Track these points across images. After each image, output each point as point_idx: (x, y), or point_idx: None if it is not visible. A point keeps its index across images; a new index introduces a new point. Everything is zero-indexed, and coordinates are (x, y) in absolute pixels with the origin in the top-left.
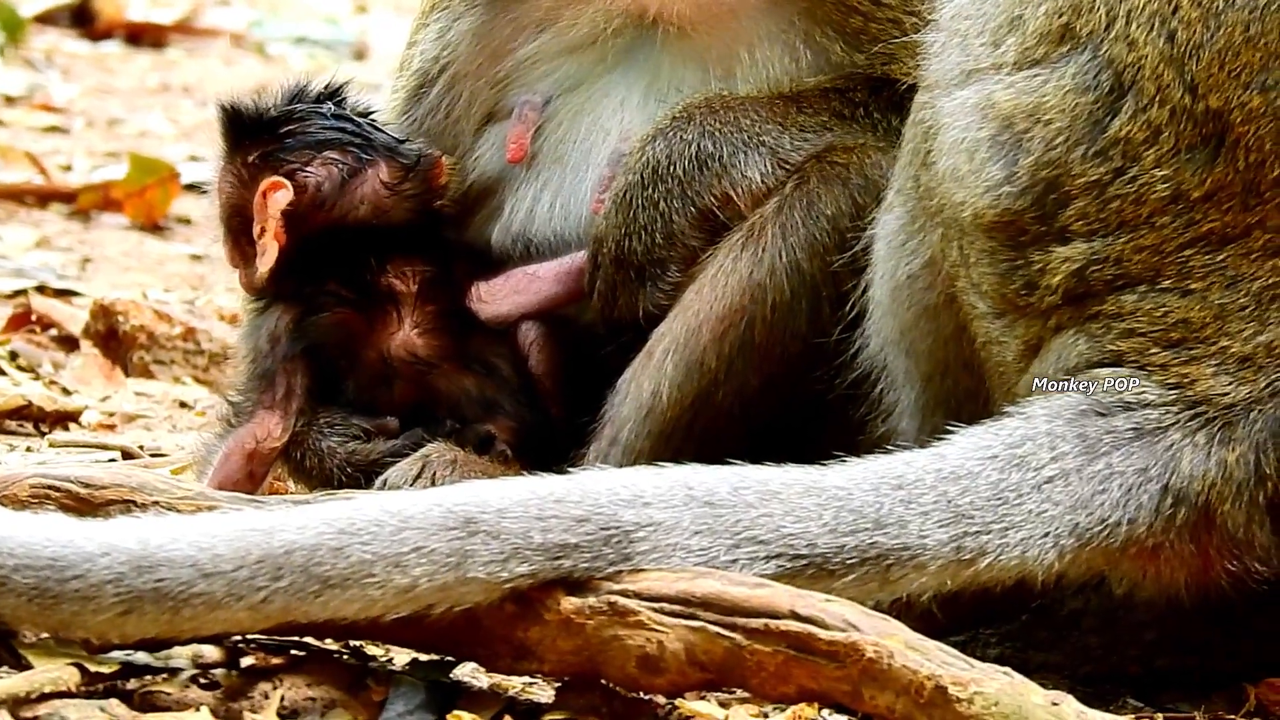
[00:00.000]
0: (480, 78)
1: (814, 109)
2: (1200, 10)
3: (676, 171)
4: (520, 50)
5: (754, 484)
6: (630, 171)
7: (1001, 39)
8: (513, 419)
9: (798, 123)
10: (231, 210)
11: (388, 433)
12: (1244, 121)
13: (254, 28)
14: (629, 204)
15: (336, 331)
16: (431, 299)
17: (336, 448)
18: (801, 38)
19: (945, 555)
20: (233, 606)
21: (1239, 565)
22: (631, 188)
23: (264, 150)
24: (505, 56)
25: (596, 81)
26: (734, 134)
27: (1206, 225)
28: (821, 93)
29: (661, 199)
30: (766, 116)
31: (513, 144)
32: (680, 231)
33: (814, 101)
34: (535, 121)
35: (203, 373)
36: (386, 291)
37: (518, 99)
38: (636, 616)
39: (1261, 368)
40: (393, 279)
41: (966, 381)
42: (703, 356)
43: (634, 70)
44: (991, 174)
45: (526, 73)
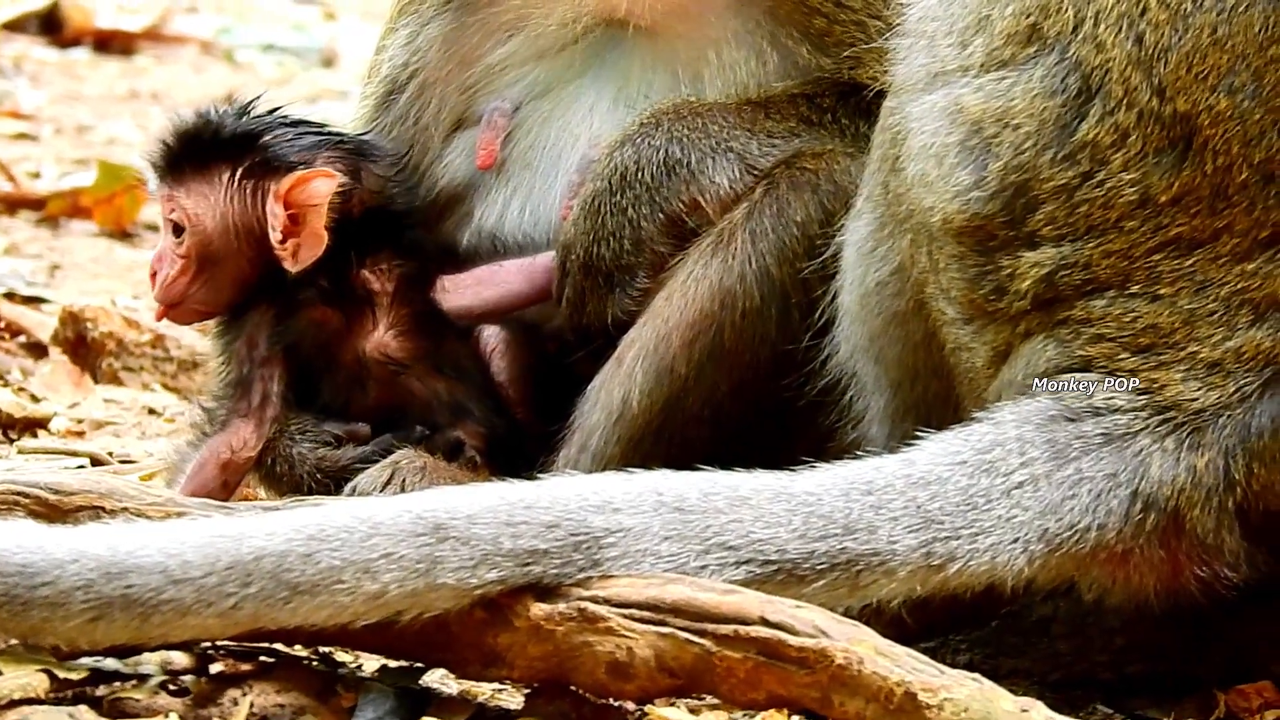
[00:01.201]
0: (449, 84)
1: (782, 115)
2: (1168, 12)
3: (644, 178)
4: (489, 56)
5: (724, 489)
6: (598, 178)
7: (969, 40)
8: (482, 424)
9: (766, 128)
10: (223, 232)
11: (358, 439)
12: (1211, 124)
13: (222, 35)
14: (597, 210)
15: (314, 330)
16: (406, 300)
17: (307, 454)
18: (768, 39)
19: (915, 561)
20: (202, 613)
21: (1208, 571)
22: (600, 194)
23: (254, 160)
24: (474, 62)
25: (566, 87)
26: (702, 140)
27: (1175, 229)
28: (789, 98)
29: (630, 205)
30: (735, 122)
31: (482, 150)
32: (649, 238)
33: (782, 107)
34: (504, 128)
35: (171, 379)
36: (363, 292)
37: (487, 105)
38: (606, 623)
39: (1230, 373)
40: (370, 280)
41: (936, 388)
42: (673, 363)
43: (603, 75)
44: (960, 179)
45: (496, 78)
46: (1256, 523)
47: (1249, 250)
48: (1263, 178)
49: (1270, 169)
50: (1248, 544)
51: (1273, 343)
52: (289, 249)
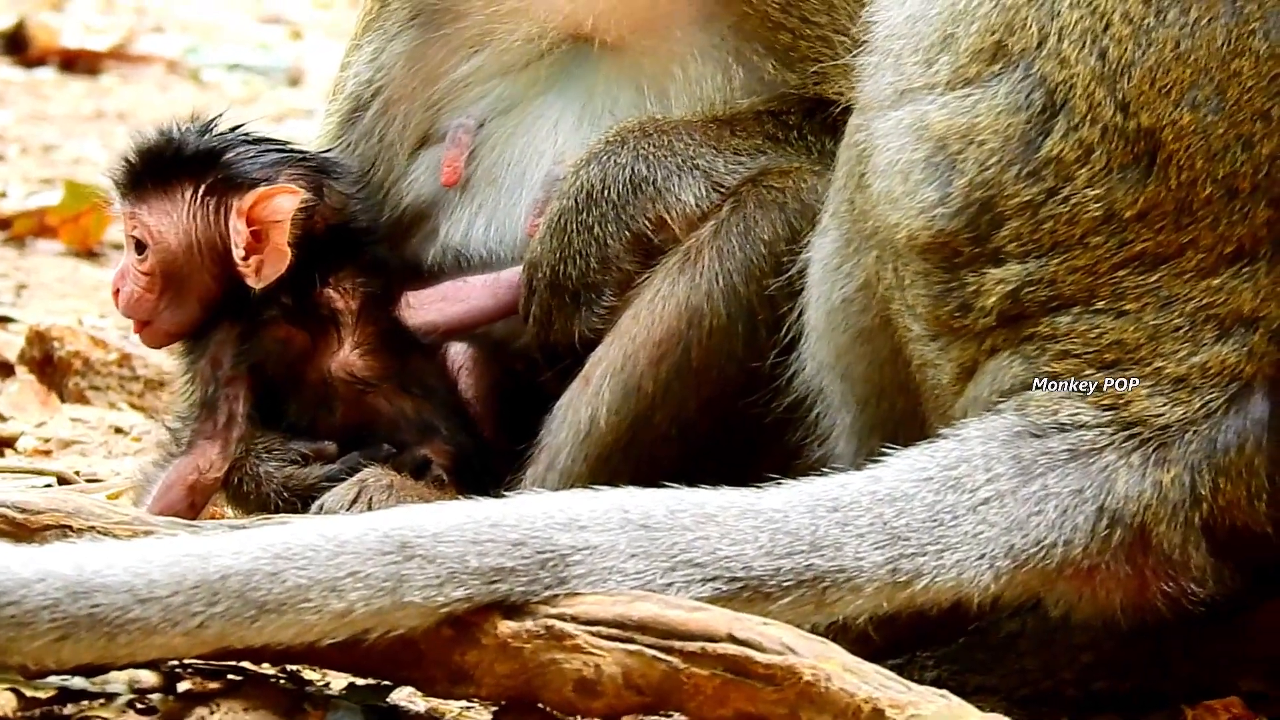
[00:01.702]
0: (414, 100)
1: (748, 132)
2: (1131, 27)
3: (611, 195)
4: (454, 72)
5: (690, 507)
6: (564, 196)
7: (934, 58)
8: (449, 443)
9: (732, 145)
10: (186, 249)
11: (325, 457)
12: (1175, 139)
13: (188, 54)
14: (563, 228)
15: (279, 350)
16: (371, 319)
17: (274, 472)
18: (733, 54)
19: (881, 577)
20: (169, 632)
21: (1175, 586)
22: (566, 212)
23: (216, 178)
24: (439, 79)
25: (531, 104)
26: (668, 157)
27: (1140, 245)
28: (755, 115)
29: (596, 223)
30: (701, 140)
31: (447, 168)
32: (615, 255)
33: (748, 124)
34: (469, 145)
35: (138, 399)
36: (328, 310)
37: (451, 122)
38: (573, 640)
39: (1196, 388)
40: (334, 298)
41: (903, 404)
42: (640, 381)
43: (568, 92)
44: (925, 195)
45: (460, 95)
46: (1223, 538)
47: (1214, 265)
48: (1227, 192)
49: (1234, 184)
50: (1214, 560)
51: (1238, 358)
52: (252, 266)
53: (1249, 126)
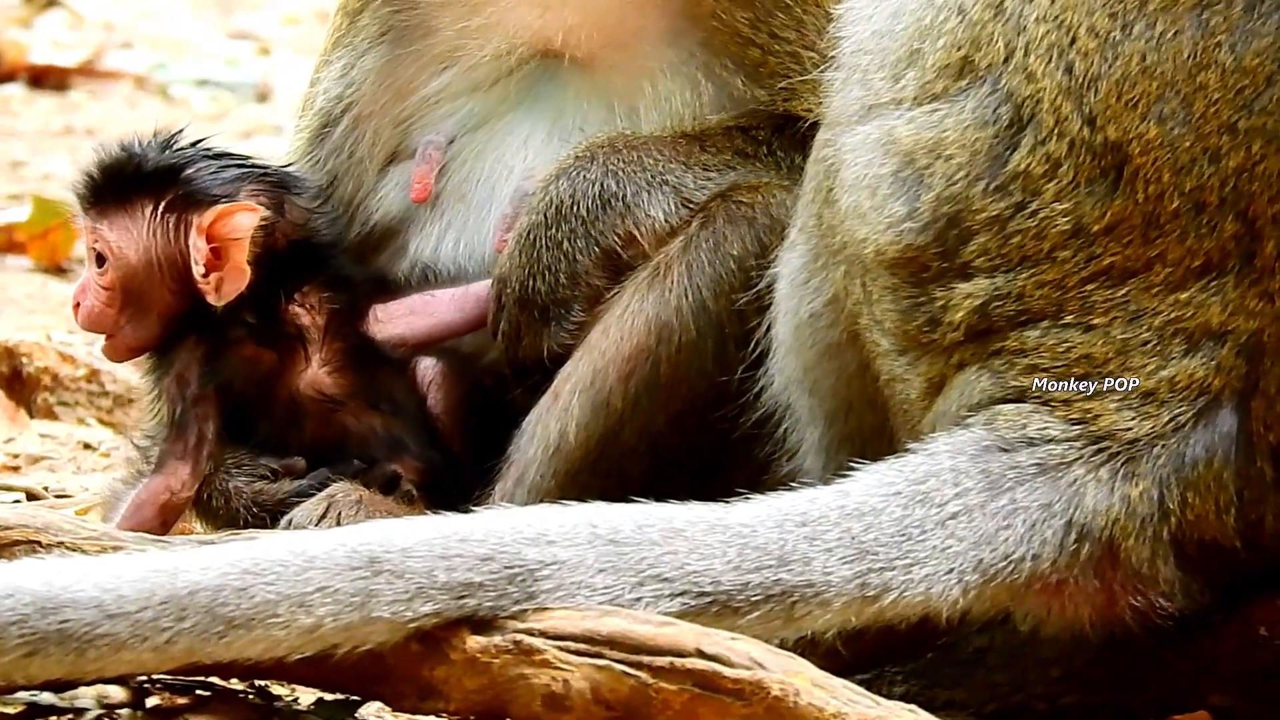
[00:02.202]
0: (384, 117)
1: (717, 147)
2: (1098, 41)
3: (580, 211)
4: (423, 88)
5: (658, 521)
6: (534, 211)
7: (901, 73)
8: (419, 459)
9: (701, 161)
10: (146, 264)
11: (295, 472)
12: (1142, 153)
13: (157, 70)
14: (533, 244)
15: (246, 369)
16: (338, 336)
17: (243, 487)
18: (702, 70)
19: (850, 592)
20: (137, 647)
21: (1143, 601)
22: (535, 227)
23: (176, 194)
24: (408, 95)
25: (500, 120)
26: (638, 173)
27: (1108, 259)
28: (724, 131)
29: (565, 239)
30: (670, 155)
31: (417, 184)
32: (584, 271)
33: (717, 140)
34: (439, 161)
35: (107, 414)
36: (294, 328)
37: (421, 139)
38: (542, 655)
39: (1164, 402)
40: (300, 315)
41: (871, 419)
42: (609, 396)
43: (537, 108)
44: (893, 210)
45: (430, 111)
46: (1191, 553)
47: (1182, 279)
48: (1194, 206)
49: (1201, 197)
50: (1183, 574)
51: (1206, 372)
52: (212, 283)
53: (1216, 140)
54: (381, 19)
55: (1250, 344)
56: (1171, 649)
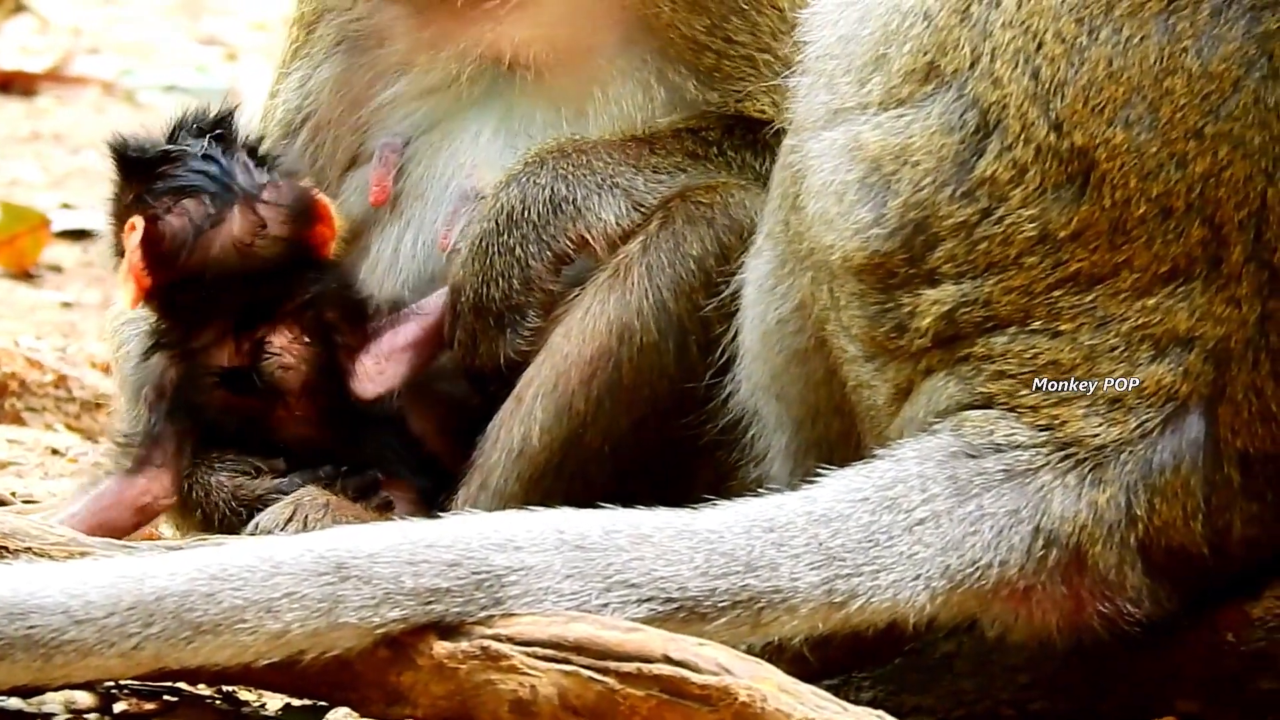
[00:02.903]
0: (342, 124)
1: (667, 150)
2: (1064, 46)
3: (531, 216)
4: (379, 96)
5: (626, 527)
6: (485, 219)
7: (867, 78)
8: (411, 483)
9: (651, 164)
10: (116, 246)
11: (276, 470)
12: (1109, 158)
13: (124, 76)
14: (485, 251)
15: (220, 413)
16: (316, 388)
17: (225, 482)
18: (655, 75)
19: (817, 598)
20: (105, 653)
21: (1110, 607)
22: (487, 235)
23: (138, 191)
24: (365, 102)
25: (453, 119)
26: (587, 176)
27: (1075, 265)
28: (674, 133)
29: (517, 244)
30: (620, 158)
31: (375, 187)
32: (538, 276)
33: (667, 142)
34: (396, 163)
35: (75, 420)
36: (270, 383)
37: (378, 143)
38: (509, 661)
39: (1132, 409)
40: (276, 368)
41: (838, 425)
42: (571, 399)
43: (489, 106)
44: (860, 216)
45: (386, 116)
46: (1158, 559)
47: (1149, 285)
48: (1161, 211)
49: (1168, 203)
50: (1150, 580)
51: (1174, 378)
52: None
53: (1182, 145)
54: (337, 29)
55: (1218, 350)
56: (1139, 655)
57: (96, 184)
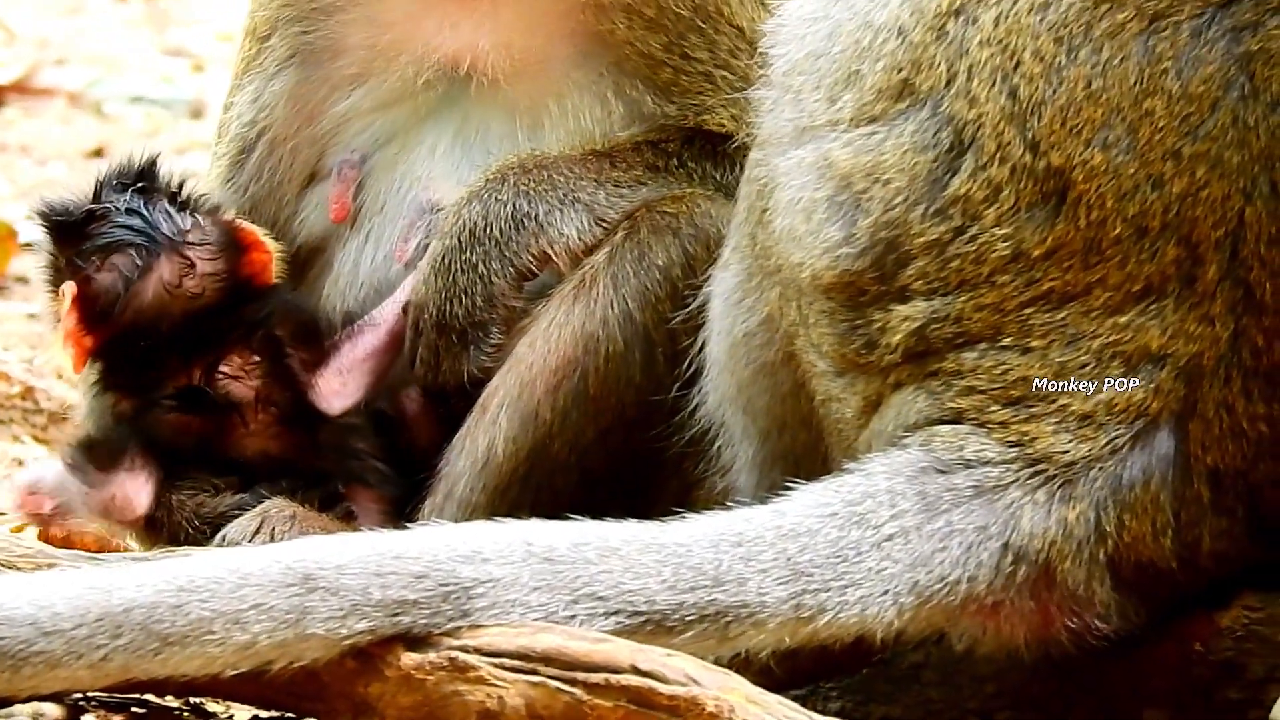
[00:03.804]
0: (299, 139)
1: (628, 163)
2: (1042, 65)
3: (493, 232)
4: (335, 108)
5: (594, 540)
6: (447, 235)
7: (838, 95)
8: (379, 488)
9: (612, 178)
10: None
11: (236, 488)
12: (1086, 179)
13: (91, 87)
14: (448, 268)
15: (174, 434)
16: (272, 401)
17: (185, 500)
18: (611, 89)
19: (784, 613)
20: (73, 665)
21: (1079, 622)
22: (449, 251)
23: (69, 255)
24: (321, 116)
25: (410, 132)
26: (549, 192)
27: (1047, 283)
28: (634, 146)
29: (480, 261)
30: (581, 173)
31: (335, 204)
32: (500, 293)
33: (627, 155)
34: (355, 179)
35: (42, 431)
36: (224, 398)
37: (337, 160)
38: (477, 672)
39: (1102, 425)
40: (230, 384)
41: (805, 437)
42: (537, 409)
43: (444, 119)
44: (829, 235)
45: (343, 130)
46: (1127, 574)
47: (1121, 303)
48: (1136, 231)
49: (1144, 223)
50: (1119, 595)
51: (1145, 395)
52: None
53: (1160, 166)
54: (290, 40)
55: (1189, 367)
56: (1106, 665)
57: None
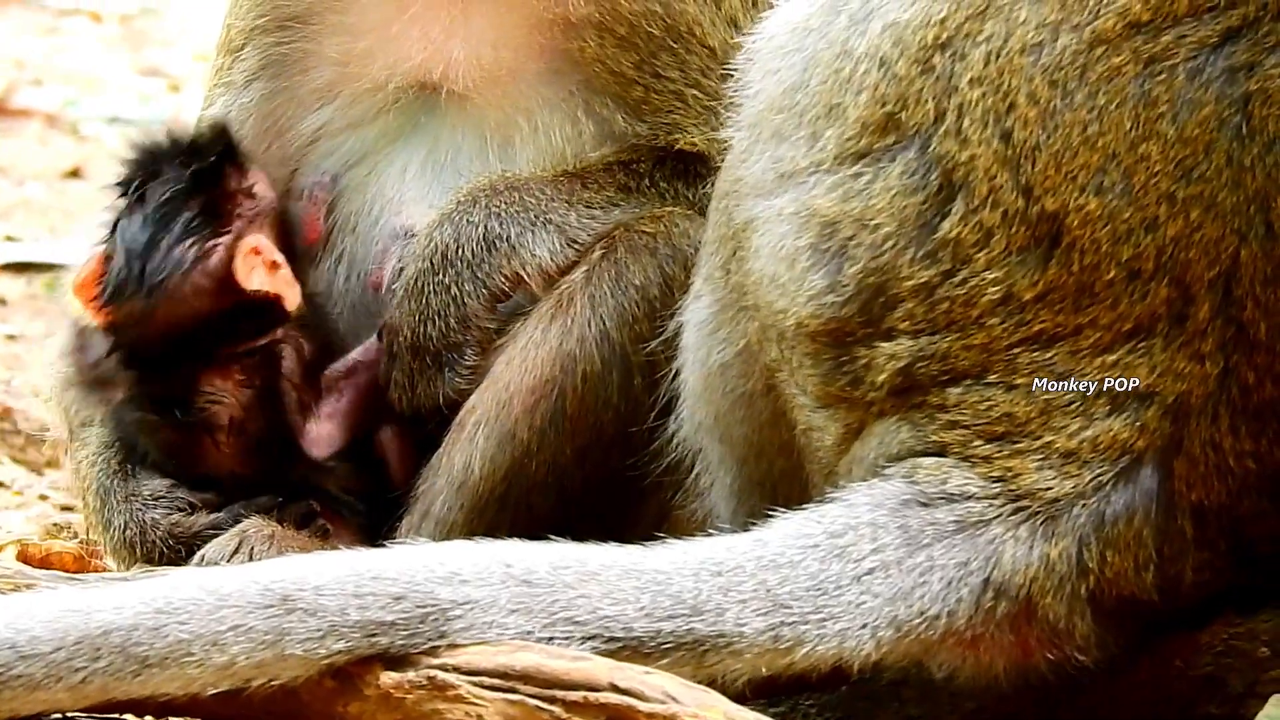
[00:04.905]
0: (270, 157)
1: (599, 184)
2: (1037, 110)
3: (465, 254)
4: (305, 125)
5: (573, 564)
6: (419, 258)
7: (820, 131)
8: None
9: (584, 199)
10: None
11: (211, 505)
12: (1081, 225)
13: (68, 107)
14: (421, 291)
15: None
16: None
17: (160, 519)
18: (582, 107)
19: (762, 644)
20: (52, 687)
21: (1059, 653)
22: (422, 274)
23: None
24: (290, 134)
25: (380, 153)
26: (520, 213)
27: (1037, 325)
28: (606, 167)
29: (453, 283)
30: (552, 195)
31: (307, 227)
32: (474, 314)
33: (599, 176)
34: (325, 201)
35: (20, 452)
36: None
37: (307, 181)
38: (455, 690)
39: (1086, 462)
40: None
41: (784, 464)
42: (514, 428)
43: (414, 139)
44: (814, 282)
45: (314, 150)
46: (1108, 607)
47: (1111, 342)
48: (1129, 274)
49: (1137, 265)
50: (1099, 627)
51: (1130, 433)
52: None
53: (1154, 209)
54: (262, 51)
55: (1176, 405)
56: (1086, 681)
57: (41, 217)
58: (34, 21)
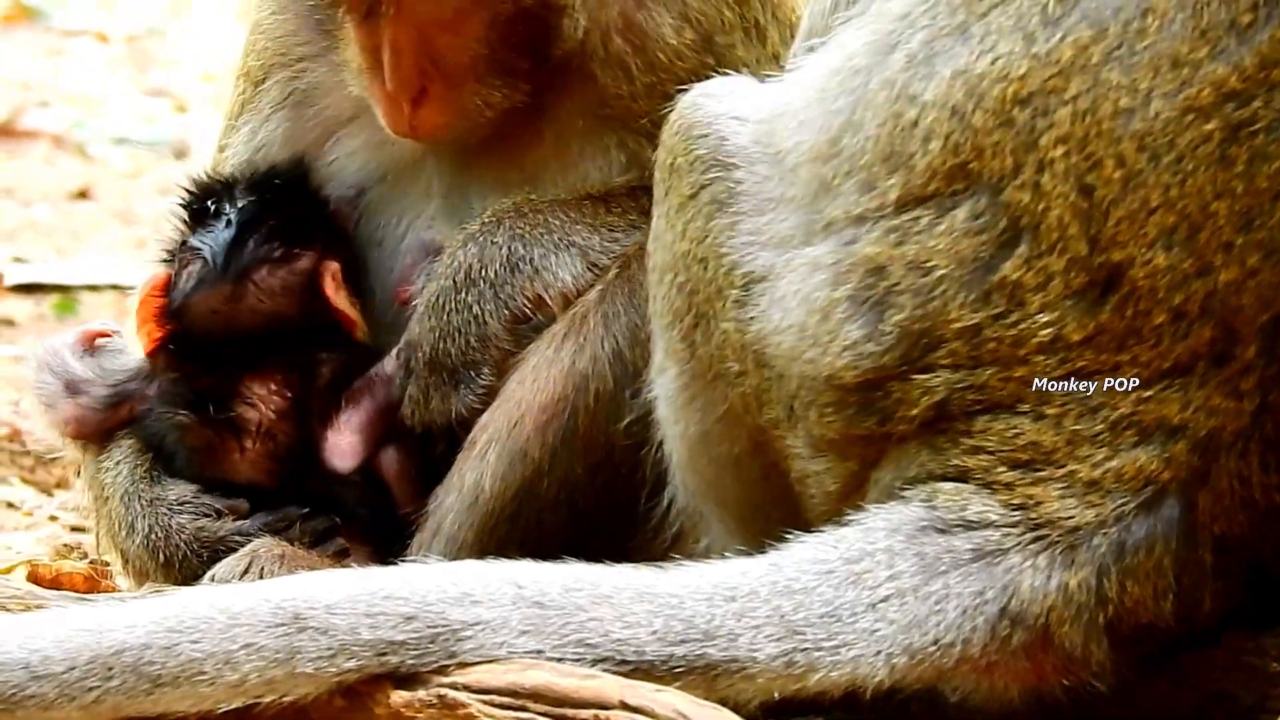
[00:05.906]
0: None
1: (622, 208)
2: (1123, 171)
3: (489, 275)
4: (329, 150)
5: (586, 586)
6: (442, 277)
7: (876, 180)
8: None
9: (607, 223)
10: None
11: (237, 513)
12: (1145, 277)
13: (75, 128)
14: (442, 308)
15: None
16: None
17: (185, 525)
18: (615, 142)
19: (775, 669)
20: (65, 706)
21: (1074, 679)
22: (444, 292)
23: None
24: (315, 155)
25: (406, 168)
26: (544, 236)
27: (1080, 363)
28: (630, 191)
29: (475, 302)
30: (576, 218)
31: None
32: (494, 334)
33: (622, 200)
34: (350, 216)
35: (29, 473)
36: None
37: (332, 196)
38: (466, 709)
39: (1109, 492)
40: (244, 406)
41: (780, 514)
42: (526, 446)
43: (441, 155)
44: (850, 333)
45: (339, 168)
46: (1125, 634)
47: (1148, 379)
48: (1175, 317)
49: (1185, 308)
50: (1115, 653)
51: (1156, 464)
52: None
53: (1211, 257)
54: (283, 84)
55: (1207, 439)
56: (1097, 696)
57: (48, 238)
58: (40, 43)
